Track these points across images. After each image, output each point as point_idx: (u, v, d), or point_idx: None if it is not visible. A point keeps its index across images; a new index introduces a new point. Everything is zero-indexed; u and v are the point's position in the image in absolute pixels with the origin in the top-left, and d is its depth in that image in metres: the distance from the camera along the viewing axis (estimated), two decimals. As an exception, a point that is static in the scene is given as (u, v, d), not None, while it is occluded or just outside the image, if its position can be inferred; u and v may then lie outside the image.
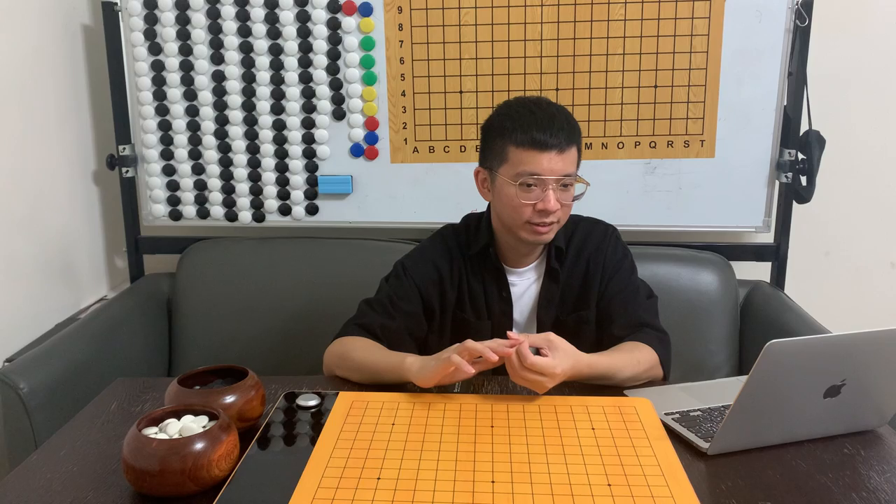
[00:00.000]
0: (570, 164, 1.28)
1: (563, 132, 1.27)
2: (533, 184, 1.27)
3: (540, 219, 1.29)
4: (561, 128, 1.27)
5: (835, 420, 1.04)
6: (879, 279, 2.09)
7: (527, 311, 1.42)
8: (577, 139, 1.29)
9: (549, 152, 1.26)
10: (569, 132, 1.27)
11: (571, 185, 1.30)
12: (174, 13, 1.91)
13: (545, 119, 1.27)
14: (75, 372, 1.56)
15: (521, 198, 1.28)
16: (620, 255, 1.42)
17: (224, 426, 0.94)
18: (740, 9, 1.82)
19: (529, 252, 1.39)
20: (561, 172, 1.27)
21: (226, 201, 2.02)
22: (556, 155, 1.26)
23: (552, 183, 1.26)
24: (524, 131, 1.27)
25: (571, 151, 1.28)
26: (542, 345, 1.14)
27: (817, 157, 1.87)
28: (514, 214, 1.30)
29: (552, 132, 1.26)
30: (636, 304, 1.38)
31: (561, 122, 1.28)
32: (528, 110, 1.30)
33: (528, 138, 1.26)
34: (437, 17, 1.87)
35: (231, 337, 1.94)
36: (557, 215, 1.29)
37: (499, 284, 1.40)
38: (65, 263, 1.93)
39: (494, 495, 0.90)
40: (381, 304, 1.38)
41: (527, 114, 1.29)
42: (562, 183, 1.28)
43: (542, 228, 1.30)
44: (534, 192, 1.27)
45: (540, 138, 1.26)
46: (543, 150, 1.26)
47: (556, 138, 1.26)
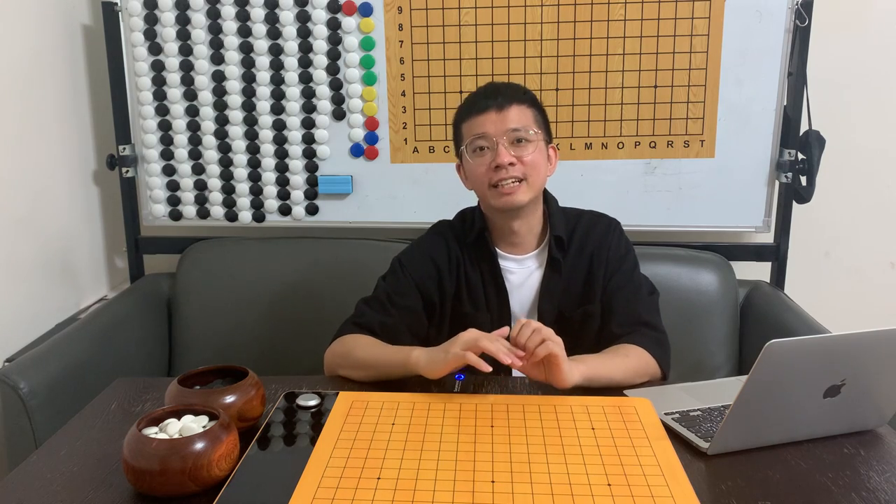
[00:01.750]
0: (517, 120, 1.32)
1: (502, 94, 1.33)
2: (483, 146, 1.33)
3: (498, 176, 1.31)
4: (499, 91, 1.34)
5: (835, 420, 1.04)
6: (879, 279, 2.09)
7: (527, 302, 1.41)
8: (520, 98, 1.34)
9: (489, 112, 1.32)
10: (509, 94, 1.34)
11: (528, 140, 1.32)
12: (174, 13, 1.91)
13: (484, 89, 1.37)
14: (75, 372, 1.56)
15: (477, 162, 1.33)
16: (624, 251, 1.42)
17: (224, 426, 0.94)
18: (740, 9, 1.82)
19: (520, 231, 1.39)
20: (505, 128, 1.31)
21: (226, 201, 2.02)
22: (496, 113, 1.32)
23: (500, 139, 1.31)
24: (468, 104, 1.37)
25: (514, 109, 1.32)
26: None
27: (817, 157, 1.87)
28: (480, 184, 1.35)
29: (489, 95, 1.34)
30: (637, 300, 1.38)
31: (501, 87, 1.36)
32: (474, 91, 1.39)
33: (469, 109, 1.35)
34: (437, 17, 1.87)
35: (231, 337, 1.94)
36: (518, 170, 1.31)
37: (493, 273, 1.40)
38: (65, 263, 1.93)
39: (494, 495, 0.90)
40: (378, 301, 1.38)
41: (472, 94, 1.39)
42: (512, 139, 1.31)
43: (505, 188, 1.32)
44: (486, 154, 1.33)
45: (478, 103, 1.34)
46: (483, 112, 1.33)
47: (494, 100, 1.32)
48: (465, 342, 1.14)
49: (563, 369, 1.14)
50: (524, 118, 1.33)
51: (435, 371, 1.16)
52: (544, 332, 1.14)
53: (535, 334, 1.14)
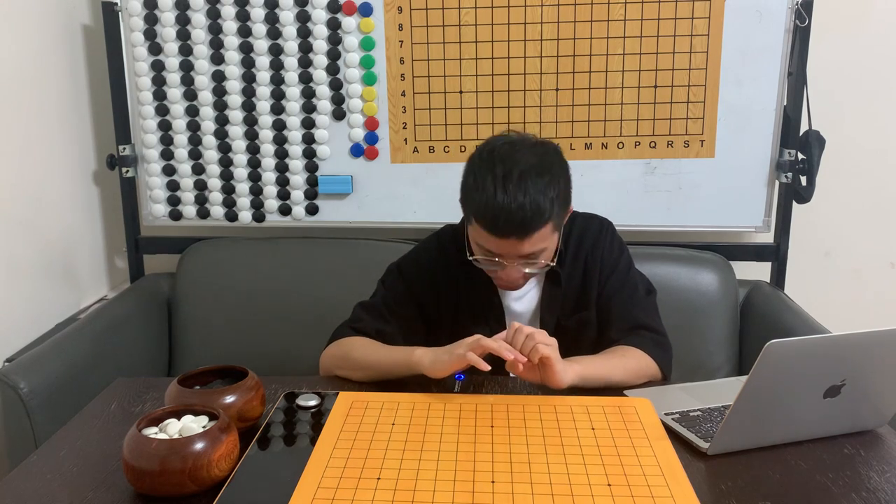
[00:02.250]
0: (536, 244, 1.21)
1: (527, 222, 1.17)
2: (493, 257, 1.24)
3: (505, 285, 1.30)
4: (524, 218, 1.17)
5: (835, 420, 1.04)
6: (879, 279, 2.09)
7: (528, 314, 1.40)
8: (546, 218, 1.19)
9: (509, 238, 1.19)
10: (534, 219, 1.18)
11: (543, 255, 1.24)
12: (174, 13, 1.91)
13: (506, 205, 1.16)
14: (75, 372, 1.56)
15: (484, 265, 1.27)
16: (617, 253, 1.41)
17: (224, 426, 0.94)
18: (740, 9, 1.82)
19: None
20: (521, 254, 1.22)
21: (226, 201, 2.02)
22: (517, 241, 1.19)
23: (513, 261, 1.23)
24: (484, 211, 1.19)
25: (536, 234, 1.19)
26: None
27: (817, 157, 1.87)
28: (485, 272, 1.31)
29: (513, 223, 1.17)
30: (633, 303, 1.37)
31: (525, 209, 1.17)
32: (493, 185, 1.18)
33: (486, 221, 1.19)
34: (437, 17, 1.87)
35: (231, 337, 1.94)
36: (525, 279, 1.29)
37: (490, 289, 1.37)
38: (65, 263, 1.93)
39: (494, 495, 0.90)
40: (375, 308, 1.37)
41: (490, 189, 1.18)
42: (527, 260, 1.24)
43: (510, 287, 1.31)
44: (496, 263, 1.24)
45: (499, 224, 1.18)
46: (502, 237, 1.19)
47: (515, 229, 1.18)
48: (469, 344, 1.15)
49: (557, 370, 1.14)
50: (544, 238, 1.21)
51: (438, 371, 1.16)
52: (537, 336, 1.14)
53: (528, 339, 1.14)
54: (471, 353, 1.13)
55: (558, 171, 1.24)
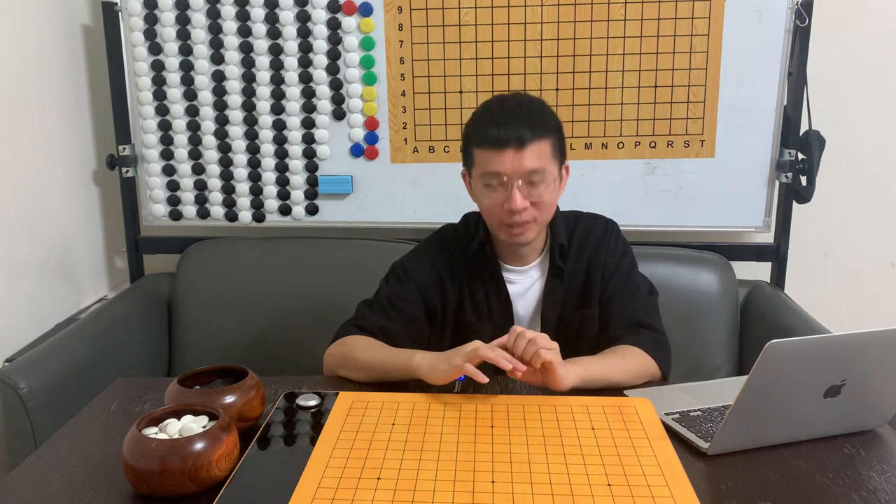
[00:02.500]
0: (535, 160, 1.22)
1: (524, 126, 1.21)
2: (496, 184, 1.24)
3: (510, 218, 1.26)
4: (520, 122, 1.21)
5: (835, 420, 1.04)
6: (879, 279, 2.09)
7: (530, 309, 1.41)
8: (543, 131, 1.23)
9: (507, 150, 1.21)
10: (531, 125, 1.22)
11: (543, 181, 1.24)
12: (174, 13, 1.91)
13: (502, 115, 1.23)
14: (75, 372, 1.56)
15: (487, 199, 1.27)
16: (621, 252, 1.41)
17: (224, 426, 0.94)
18: (740, 9, 1.82)
19: (524, 249, 1.38)
20: (523, 170, 1.22)
21: (226, 201, 2.02)
22: (515, 152, 1.21)
23: (515, 181, 1.22)
24: (482, 130, 1.23)
25: (535, 146, 1.22)
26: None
27: (817, 157, 1.87)
28: (488, 215, 1.30)
29: (509, 128, 1.21)
30: (635, 302, 1.37)
31: (521, 116, 1.22)
32: (489, 109, 1.26)
33: (485, 137, 1.23)
34: (437, 17, 1.87)
35: (231, 337, 1.94)
36: (531, 213, 1.26)
37: (496, 284, 1.39)
38: (65, 263, 1.93)
39: (494, 495, 0.90)
40: (380, 305, 1.37)
41: (487, 112, 1.25)
42: (528, 180, 1.23)
43: (515, 230, 1.28)
44: (498, 191, 1.25)
45: (495, 135, 1.21)
46: (501, 149, 1.21)
47: (515, 133, 1.20)
48: (466, 354, 1.14)
49: (559, 374, 1.14)
50: (543, 155, 1.23)
51: (436, 378, 1.16)
52: (539, 341, 1.14)
53: (530, 345, 1.13)
54: (468, 364, 1.12)
55: (554, 114, 1.30)
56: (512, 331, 1.17)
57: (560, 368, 1.14)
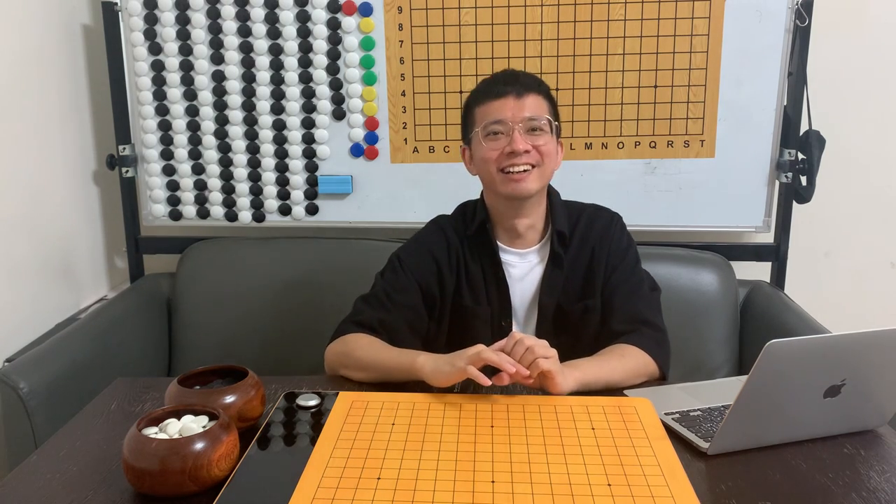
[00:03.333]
0: (533, 109, 1.32)
1: (520, 81, 1.33)
2: (498, 131, 1.32)
3: (510, 161, 1.30)
4: (517, 78, 1.34)
5: (835, 420, 1.04)
6: (879, 279, 2.09)
7: (528, 295, 1.40)
8: (538, 88, 1.34)
9: (507, 98, 1.31)
10: (527, 82, 1.34)
11: (541, 129, 1.32)
12: (174, 13, 1.91)
13: (502, 75, 1.37)
14: (75, 372, 1.56)
15: (490, 147, 1.32)
16: (625, 245, 1.41)
17: (224, 426, 0.94)
18: (740, 9, 1.82)
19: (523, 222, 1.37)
20: (522, 115, 1.31)
21: (226, 201, 2.02)
22: (514, 100, 1.31)
23: (516, 125, 1.30)
24: (484, 89, 1.36)
25: (532, 97, 1.32)
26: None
27: (817, 157, 1.87)
28: (489, 168, 1.34)
29: (508, 81, 1.33)
30: (638, 298, 1.37)
31: (520, 75, 1.36)
32: (489, 77, 1.39)
33: (486, 93, 1.34)
34: (437, 17, 1.87)
35: (231, 337, 1.94)
36: (531, 158, 1.31)
37: (494, 266, 1.39)
38: (65, 263, 1.93)
39: (494, 495, 0.90)
40: (376, 298, 1.37)
41: (488, 78, 1.39)
42: (529, 127, 1.31)
43: (516, 175, 1.31)
44: (500, 139, 1.32)
45: (495, 89, 1.33)
46: (500, 97, 1.32)
47: (512, 86, 1.32)
48: (469, 357, 1.14)
49: (558, 381, 1.14)
50: (540, 108, 1.33)
51: (438, 381, 1.16)
52: (537, 350, 1.13)
53: (528, 353, 1.13)
54: (471, 367, 1.12)
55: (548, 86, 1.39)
56: (511, 336, 1.17)
57: (558, 376, 1.14)
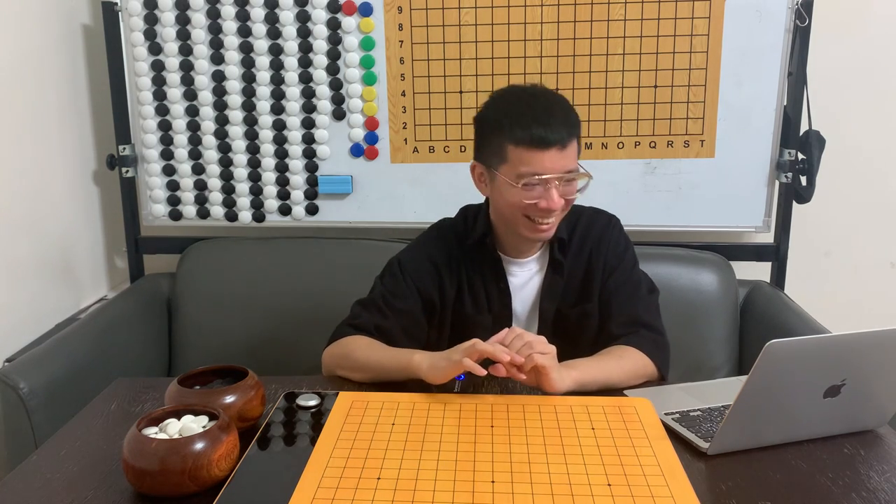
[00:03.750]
0: (572, 159, 1.24)
1: (564, 126, 1.22)
2: (536, 183, 1.23)
3: (543, 218, 1.26)
4: (561, 122, 1.22)
5: (835, 420, 1.04)
6: (879, 279, 2.09)
7: (528, 302, 1.40)
8: (577, 130, 1.25)
9: (551, 150, 1.20)
10: (569, 125, 1.23)
11: (574, 179, 1.26)
12: (174, 13, 1.91)
13: (543, 114, 1.22)
14: (75, 372, 1.56)
15: (525, 198, 1.24)
16: (623, 248, 1.40)
17: (224, 426, 0.94)
18: (740, 9, 1.82)
19: (530, 244, 1.38)
20: (564, 169, 1.22)
21: (226, 201, 2.02)
22: (558, 152, 1.21)
23: (556, 181, 1.22)
24: (523, 128, 1.21)
25: (573, 145, 1.24)
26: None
27: (817, 157, 1.87)
28: (514, 212, 1.27)
29: (552, 127, 1.20)
30: (636, 300, 1.37)
31: (559, 115, 1.23)
32: (524, 104, 1.25)
33: (527, 136, 1.21)
34: (437, 17, 1.87)
35: (231, 337, 1.94)
36: (561, 209, 1.27)
37: (496, 275, 1.38)
38: (65, 263, 1.93)
39: (494, 495, 0.90)
40: (374, 303, 1.36)
41: (524, 108, 1.23)
42: (565, 179, 1.24)
43: (543, 226, 1.27)
44: (536, 190, 1.23)
45: (540, 135, 1.20)
46: (545, 149, 1.20)
47: (558, 133, 1.20)
48: (465, 350, 1.14)
49: (553, 378, 1.13)
50: (575, 154, 1.25)
51: (436, 377, 1.16)
52: (535, 345, 1.13)
53: (526, 347, 1.13)
54: (466, 358, 1.12)
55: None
56: (511, 330, 1.17)
57: (553, 373, 1.13)
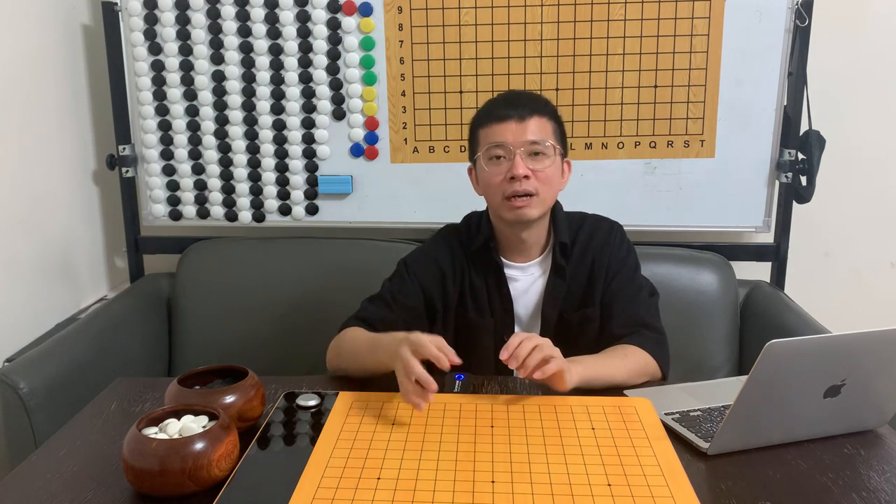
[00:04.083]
0: (536, 132, 1.31)
1: (524, 104, 1.32)
2: (500, 155, 1.31)
3: (512, 188, 1.30)
4: (520, 101, 1.33)
5: (835, 420, 1.04)
6: (879, 279, 2.09)
7: (531, 307, 1.41)
8: (541, 110, 1.33)
9: (509, 122, 1.30)
10: (531, 105, 1.33)
11: (543, 154, 1.31)
12: (174, 13, 1.91)
13: (507, 97, 1.36)
14: (75, 372, 1.56)
15: (493, 171, 1.32)
16: (625, 253, 1.42)
17: (224, 426, 0.94)
18: (740, 9, 1.82)
19: (527, 241, 1.38)
20: (524, 139, 1.30)
21: (226, 201, 2.02)
22: (517, 123, 1.30)
23: (518, 149, 1.29)
24: (488, 111, 1.35)
25: (535, 120, 1.31)
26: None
27: (817, 157, 1.87)
28: (492, 192, 1.33)
29: (511, 105, 1.32)
30: (637, 302, 1.38)
31: (523, 97, 1.35)
32: (496, 97, 1.39)
33: (489, 116, 1.33)
34: (437, 17, 1.87)
35: (231, 337, 1.94)
36: (531, 185, 1.29)
37: (498, 280, 1.40)
38: (65, 263, 1.93)
39: (494, 495, 0.90)
40: (381, 298, 1.40)
41: (493, 100, 1.38)
42: (530, 151, 1.30)
43: (518, 202, 1.30)
44: (503, 163, 1.31)
45: (499, 112, 1.32)
46: (503, 121, 1.31)
47: (515, 109, 1.31)
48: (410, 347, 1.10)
49: (564, 378, 1.14)
50: (543, 131, 1.32)
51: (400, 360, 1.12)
52: (546, 349, 1.13)
53: (537, 351, 1.12)
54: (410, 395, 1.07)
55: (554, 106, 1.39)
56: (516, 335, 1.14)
57: (567, 374, 1.14)
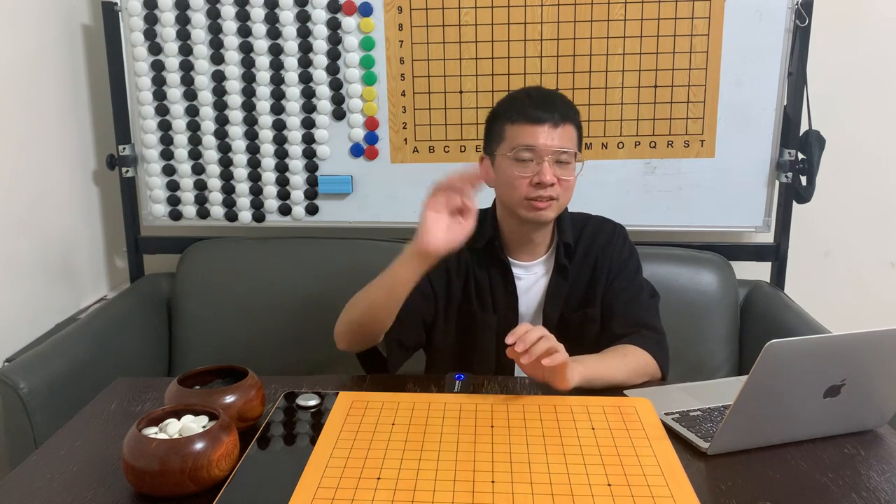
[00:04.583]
0: (566, 141, 1.30)
1: (558, 109, 1.31)
2: (529, 157, 1.29)
3: (536, 192, 1.29)
4: (555, 105, 1.31)
5: (835, 420, 1.05)
6: (879, 279, 2.09)
7: (533, 305, 1.42)
8: (573, 118, 1.33)
9: (544, 126, 1.29)
10: (564, 110, 1.31)
11: (569, 163, 1.31)
12: (174, 13, 1.91)
13: (540, 97, 1.33)
14: (75, 372, 1.56)
15: (518, 171, 1.30)
16: (627, 255, 1.43)
17: (224, 426, 0.94)
18: (740, 9, 1.82)
19: (534, 240, 1.39)
20: (556, 147, 1.29)
21: (226, 201, 2.02)
22: (551, 129, 1.29)
23: (547, 156, 1.28)
24: (520, 108, 1.32)
25: (567, 128, 1.31)
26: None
27: (817, 157, 1.87)
28: (512, 191, 1.32)
29: (546, 108, 1.30)
30: (638, 303, 1.39)
31: (556, 100, 1.33)
32: (525, 93, 1.36)
33: (522, 114, 1.31)
34: (437, 17, 1.87)
35: (231, 337, 1.94)
36: (555, 191, 1.30)
37: (504, 278, 1.40)
38: (65, 263, 1.93)
39: (494, 495, 0.90)
40: None
41: (523, 95, 1.35)
42: (557, 159, 1.29)
43: (540, 204, 1.30)
44: (530, 166, 1.29)
45: (534, 114, 1.30)
46: (538, 124, 1.29)
47: (551, 114, 1.29)
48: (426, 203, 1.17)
49: (567, 376, 1.14)
50: (571, 139, 1.32)
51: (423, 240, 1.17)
52: (552, 341, 1.13)
53: (543, 342, 1.12)
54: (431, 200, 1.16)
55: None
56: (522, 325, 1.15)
57: (568, 370, 1.14)
